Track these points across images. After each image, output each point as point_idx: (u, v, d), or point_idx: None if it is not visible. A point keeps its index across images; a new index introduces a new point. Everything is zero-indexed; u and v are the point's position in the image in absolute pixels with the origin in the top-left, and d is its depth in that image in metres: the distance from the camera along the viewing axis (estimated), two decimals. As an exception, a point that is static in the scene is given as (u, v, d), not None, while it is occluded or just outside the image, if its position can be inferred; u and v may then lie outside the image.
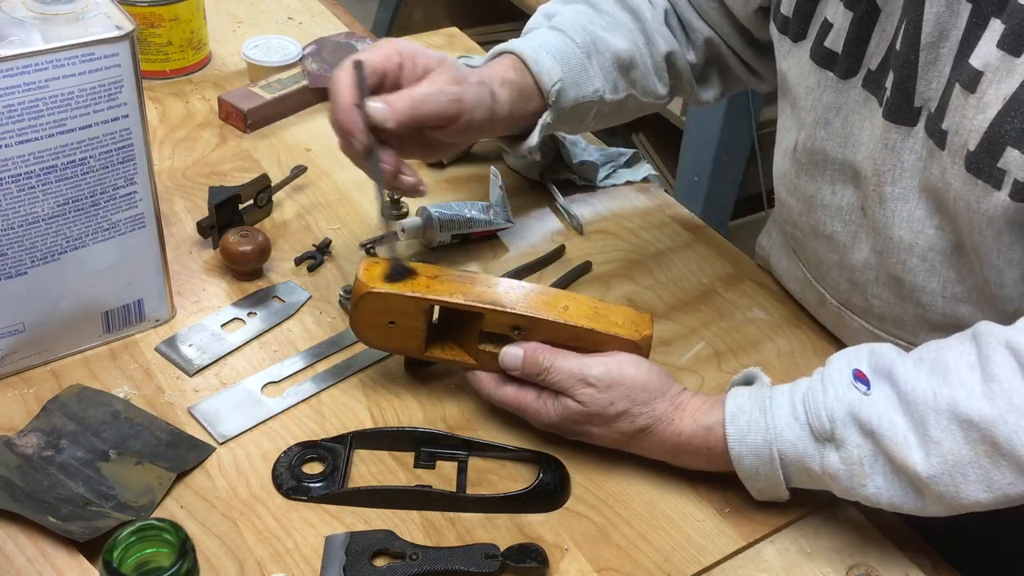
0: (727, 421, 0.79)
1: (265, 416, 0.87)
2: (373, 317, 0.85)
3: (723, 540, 0.81)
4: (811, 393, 0.77)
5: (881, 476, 0.75)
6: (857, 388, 0.76)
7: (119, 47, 0.80)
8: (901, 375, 0.75)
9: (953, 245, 0.83)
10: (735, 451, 0.79)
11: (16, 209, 0.81)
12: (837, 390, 0.76)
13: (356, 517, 0.80)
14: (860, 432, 0.75)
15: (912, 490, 0.75)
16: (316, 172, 1.16)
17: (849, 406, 0.75)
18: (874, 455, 0.75)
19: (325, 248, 1.05)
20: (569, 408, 0.82)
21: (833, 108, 0.89)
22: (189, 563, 0.66)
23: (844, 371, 0.77)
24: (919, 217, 0.84)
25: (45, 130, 0.79)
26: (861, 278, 0.92)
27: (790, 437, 0.77)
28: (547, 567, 0.77)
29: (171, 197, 1.10)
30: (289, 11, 1.48)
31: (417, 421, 0.88)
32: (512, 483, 0.84)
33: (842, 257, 0.93)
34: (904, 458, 0.73)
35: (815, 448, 0.77)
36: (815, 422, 0.76)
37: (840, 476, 0.76)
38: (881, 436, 0.74)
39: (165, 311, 0.95)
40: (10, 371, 0.88)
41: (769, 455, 0.78)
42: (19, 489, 0.77)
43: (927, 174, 0.82)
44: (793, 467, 0.78)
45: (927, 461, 0.73)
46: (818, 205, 0.93)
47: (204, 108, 1.25)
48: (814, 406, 0.77)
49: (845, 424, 0.75)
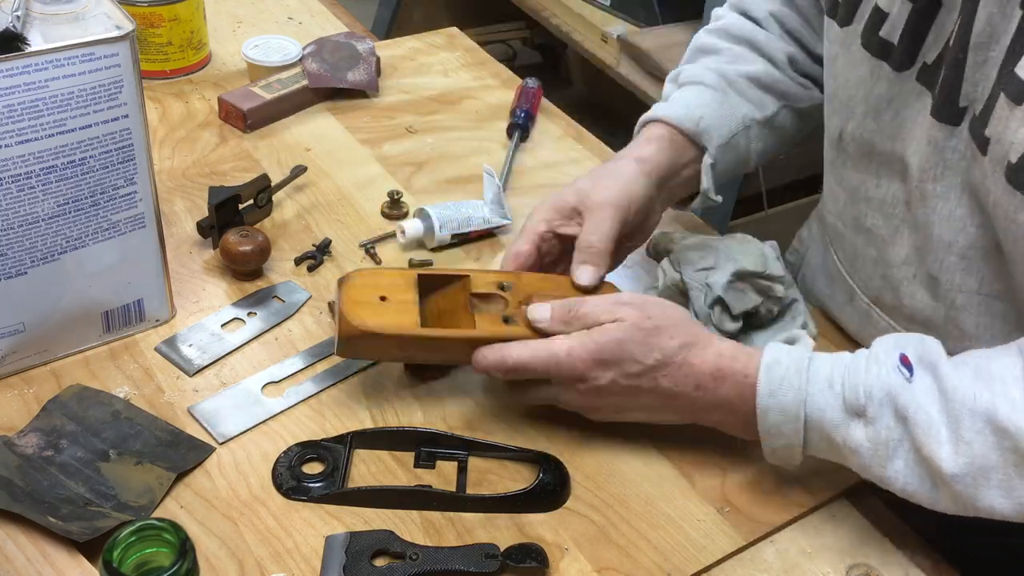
0: (762, 369, 0.79)
1: (265, 416, 0.87)
2: (362, 294, 0.83)
3: (723, 540, 0.81)
4: (852, 367, 0.78)
5: (902, 461, 0.76)
6: (901, 373, 0.76)
7: (119, 47, 0.80)
8: (945, 371, 0.75)
9: (994, 243, 0.83)
10: (763, 403, 0.79)
11: (16, 209, 0.81)
12: (880, 369, 0.76)
13: (356, 517, 0.80)
14: (894, 415, 0.75)
15: (930, 482, 0.75)
16: (316, 172, 1.16)
17: (889, 388, 0.76)
18: (901, 440, 0.75)
19: (325, 248, 1.05)
20: (606, 333, 0.81)
21: (885, 100, 0.88)
22: (189, 563, 0.66)
23: (891, 353, 0.77)
24: (960, 216, 0.84)
25: (45, 130, 0.79)
26: (897, 275, 0.92)
27: (821, 402, 0.77)
28: (547, 567, 0.77)
29: (171, 197, 1.10)
30: (289, 11, 1.48)
31: (417, 421, 0.88)
32: (512, 483, 0.84)
33: (880, 252, 0.93)
34: (932, 451, 0.73)
35: (843, 419, 0.77)
36: (850, 394, 0.76)
37: (862, 452, 0.76)
38: (915, 424, 0.74)
39: (165, 311, 0.95)
40: (10, 371, 0.88)
41: (795, 414, 0.78)
42: (19, 489, 0.77)
43: (970, 174, 0.81)
44: (815, 433, 0.78)
45: (954, 459, 0.73)
46: (862, 197, 0.93)
47: (204, 108, 1.25)
48: (852, 379, 0.77)
49: (881, 404, 0.75)
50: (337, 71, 1.28)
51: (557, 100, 1.36)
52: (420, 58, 1.41)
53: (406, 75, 1.36)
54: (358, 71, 1.29)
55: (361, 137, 1.23)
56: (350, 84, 1.28)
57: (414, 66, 1.39)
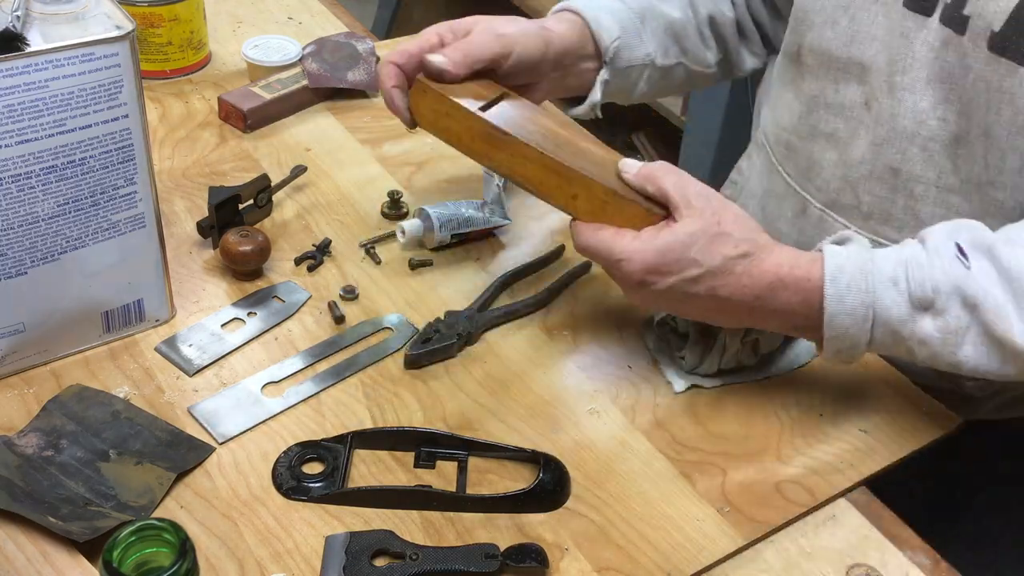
0: (828, 280, 0.80)
1: (265, 416, 0.87)
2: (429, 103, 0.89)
3: (723, 540, 0.81)
4: (915, 263, 0.80)
5: (972, 346, 0.79)
6: (961, 262, 0.79)
7: (119, 47, 0.80)
8: (1001, 251, 0.78)
9: (953, 135, 0.88)
10: (831, 309, 0.80)
11: (16, 209, 0.81)
12: (943, 262, 0.79)
13: (356, 517, 0.80)
14: (962, 304, 0.78)
15: (1000, 358, 0.79)
16: (316, 172, 1.16)
17: (955, 279, 0.78)
18: (970, 326, 0.78)
19: (325, 248, 1.05)
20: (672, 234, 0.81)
21: (840, 7, 0.94)
22: (189, 563, 0.66)
23: (948, 244, 0.80)
24: (924, 108, 0.89)
25: (45, 130, 0.79)
26: (855, 173, 0.97)
27: (888, 301, 0.79)
28: (547, 567, 0.77)
29: (171, 197, 1.10)
30: (289, 11, 1.48)
31: (417, 421, 0.88)
32: (512, 483, 0.84)
33: (840, 154, 0.98)
34: (1005, 330, 0.77)
35: (910, 314, 0.79)
36: (917, 290, 0.79)
37: (932, 343, 0.79)
38: (985, 310, 0.77)
39: (165, 311, 0.95)
40: (10, 371, 0.88)
41: (864, 316, 0.80)
42: (19, 489, 0.77)
43: (939, 63, 0.87)
44: (882, 330, 0.80)
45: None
46: (821, 104, 0.99)
47: (204, 108, 1.25)
48: (918, 275, 0.79)
49: (949, 296, 0.78)
50: (337, 71, 1.28)
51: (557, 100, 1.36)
52: (420, 58, 1.40)
53: (406, 75, 1.36)
54: (358, 71, 1.29)
55: (361, 137, 1.23)
56: (350, 84, 1.28)
57: (414, 66, 1.38)
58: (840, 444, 0.89)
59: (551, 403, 0.91)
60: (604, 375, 0.94)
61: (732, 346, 0.92)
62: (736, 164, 1.22)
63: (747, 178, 1.17)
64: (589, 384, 0.93)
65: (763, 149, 1.12)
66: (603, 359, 0.96)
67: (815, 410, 0.92)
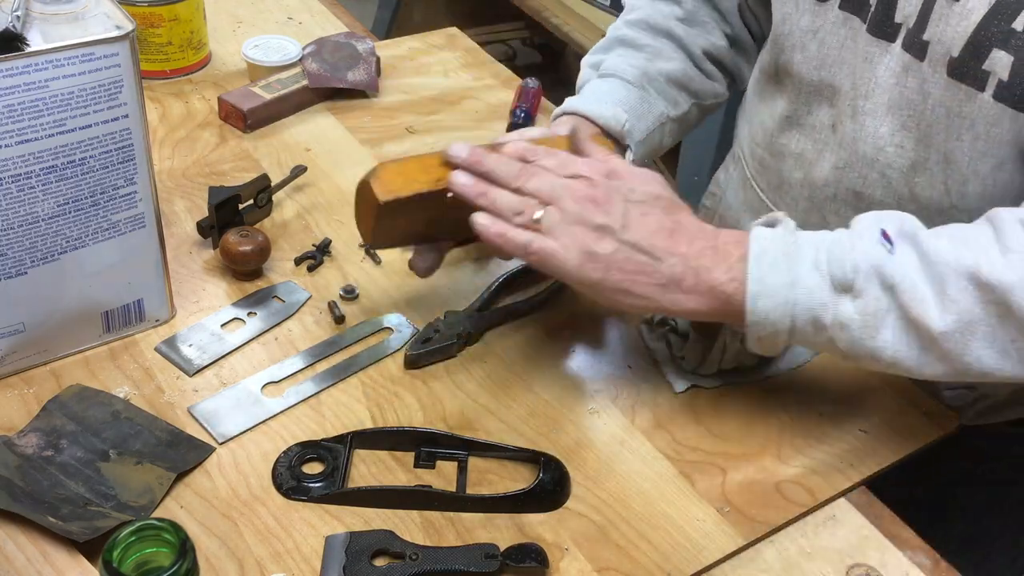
0: (751, 259, 0.80)
1: (265, 416, 0.87)
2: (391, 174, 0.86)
3: (723, 540, 0.81)
4: (836, 245, 0.79)
5: (891, 331, 0.78)
6: (884, 246, 0.79)
7: (119, 47, 0.80)
8: (925, 239, 0.78)
9: (911, 163, 0.89)
10: (753, 290, 0.79)
11: (16, 209, 0.81)
12: (865, 244, 0.79)
13: (356, 517, 0.80)
14: (881, 286, 0.78)
15: (918, 346, 0.78)
16: (316, 172, 1.16)
17: (874, 260, 0.78)
18: (889, 309, 0.78)
19: (325, 248, 1.05)
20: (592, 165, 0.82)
21: (810, 32, 0.94)
22: (189, 563, 0.66)
23: (873, 229, 0.80)
24: (882, 134, 0.90)
25: (45, 130, 0.79)
26: (821, 195, 0.98)
27: (809, 284, 0.79)
28: (547, 567, 0.77)
29: (171, 197, 1.10)
30: (289, 11, 1.48)
31: (417, 421, 0.88)
32: (512, 483, 0.84)
33: (806, 174, 0.99)
34: (921, 314, 0.76)
35: (831, 297, 0.79)
36: (837, 271, 0.78)
37: (852, 326, 0.78)
38: (901, 291, 0.77)
39: (165, 311, 0.95)
40: (10, 371, 0.88)
41: (784, 298, 0.79)
42: (19, 489, 0.77)
43: (899, 90, 0.88)
44: (802, 317, 0.80)
45: (943, 318, 0.76)
46: (794, 124, 1.00)
47: (204, 108, 1.25)
48: (839, 256, 0.79)
49: (868, 277, 0.78)
50: (337, 71, 1.28)
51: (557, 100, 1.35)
52: (420, 58, 1.41)
53: (406, 75, 1.36)
54: (358, 71, 1.29)
55: (361, 137, 1.23)
56: (350, 84, 1.28)
57: (414, 66, 1.39)
58: (840, 444, 0.89)
59: (551, 403, 0.91)
60: (604, 375, 0.94)
61: (732, 346, 0.92)
62: (714, 176, 1.23)
63: (724, 190, 1.18)
64: (589, 384, 0.93)
65: (739, 163, 1.13)
66: (603, 359, 0.96)
67: (815, 410, 0.92)
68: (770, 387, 0.94)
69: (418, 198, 0.85)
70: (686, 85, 1.08)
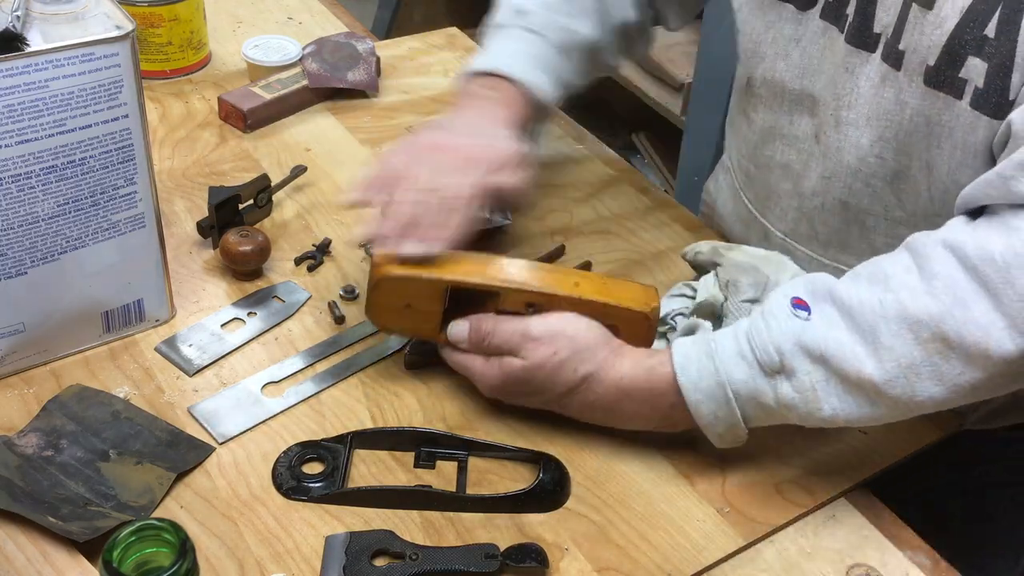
0: (678, 372, 0.80)
1: (265, 416, 0.87)
2: (390, 300, 0.86)
3: (723, 540, 0.81)
4: (754, 330, 0.79)
5: (835, 397, 0.77)
6: (798, 316, 0.78)
7: (119, 47, 0.80)
8: (842, 292, 0.77)
9: (893, 172, 0.89)
10: (691, 399, 0.80)
11: (16, 209, 0.81)
12: (779, 322, 0.78)
13: (356, 517, 0.80)
14: (809, 359, 0.77)
15: (866, 402, 0.77)
16: (316, 172, 1.16)
17: (794, 335, 0.77)
18: (826, 378, 0.77)
19: (325, 248, 1.05)
20: (512, 366, 0.83)
21: (792, 40, 0.94)
22: (189, 563, 0.66)
23: (782, 302, 0.79)
24: (864, 145, 0.89)
25: (45, 130, 0.79)
26: (809, 204, 0.97)
27: (740, 376, 0.79)
28: (547, 567, 0.77)
29: (171, 197, 1.10)
30: (289, 11, 1.48)
31: (417, 421, 0.88)
32: (512, 483, 0.84)
33: (794, 185, 0.98)
34: (858, 371, 0.75)
35: (766, 382, 0.78)
36: (763, 357, 0.78)
37: (795, 404, 0.78)
38: (830, 357, 0.76)
39: (165, 311, 0.95)
40: (10, 371, 0.88)
41: (724, 397, 0.79)
42: (19, 489, 0.77)
43: (878, 100, 0.87)
44: (748, 405, 0.80)
45: (881, 367, 0.75)
46: (777, 135, 0.99)
47: (204, 108, 1.25)
48: (760, 341, 0.78)
49: (793, 354, 0.77)
50: (337, 71, 1.28)
51: (557, 100, 1.36)
52: (420, 58, 1.41)
53: (406, 75, 1.36)
54: (358, 71, 1.29)
55: (361, 137, 1.23)
56: (350, 84, 1.28)
57: (414, 66, 1.39)
58: (840, 444, 0.89)
59: (551, 403, 0.91)
60: (604, 375, 0.94)
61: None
62: (705, 184, 1.22)
63: (715, 199, 1.18)
64: (589, 384, 0.93)
65: (728, 173, 1.13)
66: (603, 359, 0.96)
67: (815, 410, 0.92)
68: (770, 387, 0.94)
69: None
70: (597, 56, 1.05)
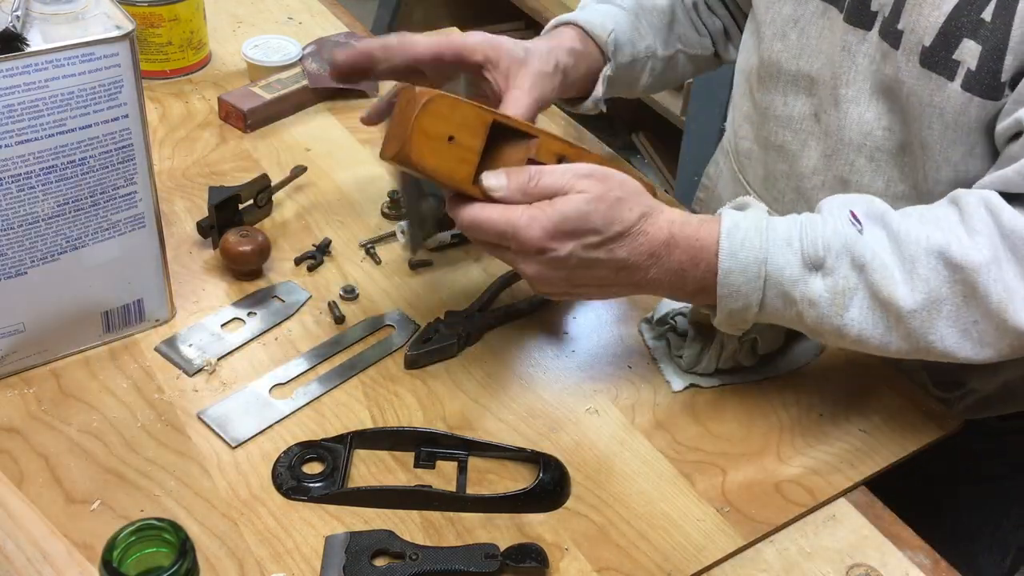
0: (723, 234, 0.81)
1: (276, 418, 0.87)
2: (435, 126, 0.80)
3: (723, 540, 0.81)
4: (809, 223, 0.81)
5: (858, 309, 0.80)
6: (854, 226, 0.80)
7: (119, 47, 0.80)
8: (894, 220, 0.80)
9: (899, 144, 0.90)
10: (725, 264, 0.81)
11: (16, 209, 0.81)
12: (835, 224, 0.81)
13: (356, 517, 0.80)
14: (851, 264, 0.80)
15: (884, 324, 0.80)
16: (316, 172, 1.16)
17: (844, 240, 0.80)
18: (857, 287, 0.80)
19: (325, 248, 1.05)
20: (568, 203, 0.78)
21: (791, 21, 0.96)
22: (189, 563, 0.66)
23: (842, 210, 0.82)
24: (869, 119, 0.91)
25: (45, 130, 0.79)
26: (808, 184, 0.98)
27: (780, 260, 0.80)
28: (547, 567, 0.77)
29: (171, 197, 1.10)
30: (289, 11, 1.48)
31: (417, 421, 0.88)
32: (512, 483, 0.84)
33: (791, 166, 0.99)
34: (890, 292, 0.78)
35: (801, 273, 0.80)
36: (809, 249, 0.80)
37: (820, 303, 0.80)
38: (872, 270, 0.79)
39: (165, 311, 0.95)
40: (10, 371, 0.88)
41: (756, 273, 0.81)
42: None
43: (880, 75, 0.88)
44: (772, 291, 0.81)
45: (912, 295, 0.78)
46: (771, 116, 1.00)
47: (204, 108, 1.25)
48: (811, 235, 0.80)
49: (839, 255, 0.80)
50: (337, 71, 1.28)
51: (557, 100, 1.36)
52: (420, 58, 1.40)
53: (406, 75, 1.36)
54: (358, 71, 1.28)
55: (361, 137, 1.23)
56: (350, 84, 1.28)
57: (414, 66, 1.38)
58: (840, 444, 0.89)
59: (551, 403, 0.91)
60: (604, 375, 0.94)
61: (730, 345, 0.92)
62: (705, 169, 1.23)
63: (715, 183, 1.19)
64: (589, 384, 0.93)
65: (728, 157, 1.14)
66: (603, 359, 0.96)
67: (815, 410, 0.92)
68: (770, 387, 0.94)
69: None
70: (673, 25, 1.09)
